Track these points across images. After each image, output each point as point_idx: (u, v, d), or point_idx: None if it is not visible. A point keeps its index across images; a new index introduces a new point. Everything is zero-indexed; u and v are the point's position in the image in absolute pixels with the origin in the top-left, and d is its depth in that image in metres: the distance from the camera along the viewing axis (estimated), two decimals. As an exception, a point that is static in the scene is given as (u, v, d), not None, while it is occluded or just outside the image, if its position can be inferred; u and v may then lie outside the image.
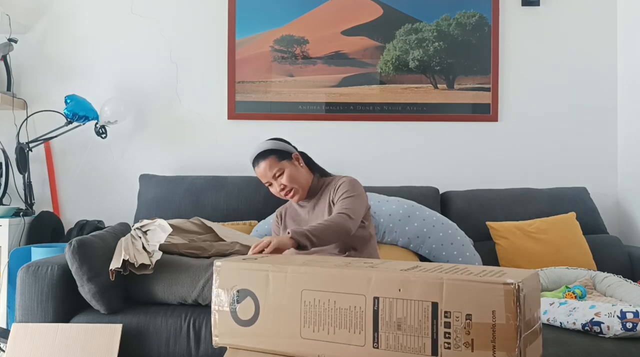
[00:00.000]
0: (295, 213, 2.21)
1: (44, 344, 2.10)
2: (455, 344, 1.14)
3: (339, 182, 2.10)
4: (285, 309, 1.32)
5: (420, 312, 1.18)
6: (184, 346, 2.16)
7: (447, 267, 1.27)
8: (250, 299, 1.36)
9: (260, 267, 1.37)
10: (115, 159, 3.32)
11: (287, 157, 2.13)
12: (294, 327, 1.31)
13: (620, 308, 1.83)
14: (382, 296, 1.23)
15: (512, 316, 1.09)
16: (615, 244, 2.95)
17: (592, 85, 3.39)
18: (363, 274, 1.26)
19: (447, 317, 1.15)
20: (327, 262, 1.39)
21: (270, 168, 2.09)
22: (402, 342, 1.20)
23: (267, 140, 2.16)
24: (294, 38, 3.33)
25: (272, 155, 2.10)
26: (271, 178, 2.10)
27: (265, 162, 2.09)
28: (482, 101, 3.35)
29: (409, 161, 3.35)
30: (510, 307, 1.09)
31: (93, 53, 3.32)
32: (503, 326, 1.10)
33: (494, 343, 1.11)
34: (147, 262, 2.19)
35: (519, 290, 1.09)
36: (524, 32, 3.38)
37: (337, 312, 1.27)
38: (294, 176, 2.09)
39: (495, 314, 1.11)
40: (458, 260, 2.64)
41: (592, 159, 3.38)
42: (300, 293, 1.31)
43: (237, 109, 3.32)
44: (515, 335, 1.09)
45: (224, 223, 2.83)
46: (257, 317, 1.35)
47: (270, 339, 1.33)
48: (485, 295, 1.12)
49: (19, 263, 2.66)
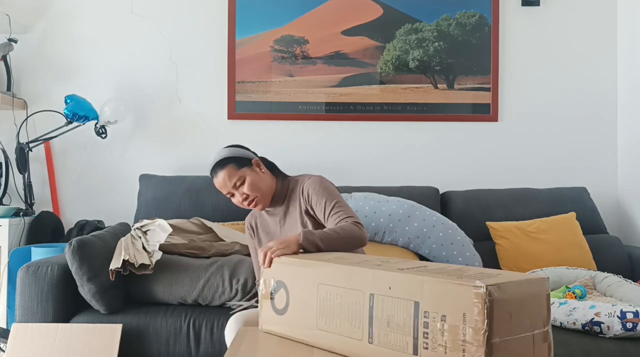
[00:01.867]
0: (266, 224, 2.04)
1: (44, 344, 2.10)
2: (432, 344, 1.12)
3: (306, 188, 1.93)
4: (307, 301, 1.40)
5: (404, 311, 1.18)
6: (184, 346, 2.16)
7: (448, 268, 1.26)
8: (283, 290, 1.48)
9: (291, 261, 1.49)
10: (115, 159, 3.32)
11: (247, 164, 1.94)
12: (312, 319, 1.38)
13: (620, 308, 1.83)
14: (376, 293, 1.24)
15: (480, 319, 1.05)
16: (615, 244, 2.95)
17: (592, 85, 3.39)
18: (364, 271, 1.28)
19: (426, 317, 1.14)
20: (345, 259, 1.43)
21: (230, 177, 1.91)
22: (390, 340, 1.21)
23: (224, 148, 1.99)
24: (294, 38, 3.33)
25: (231, 163, 1.92)
26: (231, 188, 1.92)
27: (223, 171, 1.91)
28: (482, 101, 3.35)
29: (409, 161, 3.35)
30: (480, 310, 1.05)
31: (93, 53, 3.32)
32: (472, 329, 1.06)
33: (463, 346, 1.07)
34: (147, 262, 2.20)
35: (489, 294, 1.04)
36: (524, 32, 3.38)
37: (344, 306, 1.31)
38: (255, 184, 1.92)
39: (465, 317, 1.07)
40: (458, 260, 2.64)
41: (592, 159, 3.38)
42: (317, 287, 1.38)
43: (237, 109, 3.32)
44: (482, 340, 1.04)
45: (224, 223, 2.83)
46: (287, 307, 1.46)
47: (295, 329, 1.43)
48: (458, 297, 1.08)
49: (19, 263, 2.66)
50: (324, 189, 1.90)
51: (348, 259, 1.43)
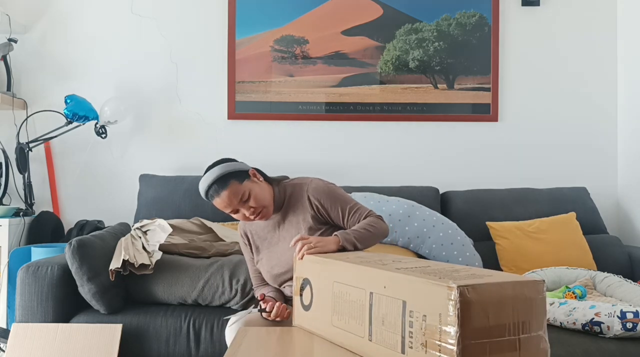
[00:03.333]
0: (261, 231, 1.98)
1: (44, 344, 2.10)
2: (415, 344, 1.12)
3: (313, 195, 1.88)
4: (325, 298, 1.45)
5: (395, 310, 1.19)
6: (184, 346, 2.16)
7: (455, 268, 1.26)
8: (309, 287, 1.54)
9: (315, 259, 1.55)
10: (115, 159, 3.32)
11: (246, 177, 1.85)
12: (328, 315, 1.43)
13: (620, 308, 1.83)
14: (375, 292, 1.26)
15: (452, 319, 1.04)
16: (615, 244, 2.95)
17: (592, 85, 3.39)
18: (367, 270, 1.30)
19: (411, 316, 1.14)
20: (360, 258, 1.47)
21: (235, 195, 1.80)
22: (384, 338, 1.22)
23: (215, 166, 1.85)
24: (294, 38, 3.33)
25: (232, 179, 1.80)
26: (237, 205, 1.82)
27: (226, 190, 1.79)
28: (482, 101, 3.35)
29: (409, 161, 3.36)
30: (454, 310, 1.04)
31: (93, 53, 3.32)
32: (446, 330, 1.05)
33: (439, 346, 1.07)
34: (147, 262, 2.20)
35: (462, 294, 1.03)
36: (524, 32, 3.38)
37: (351, 304, 1.34)
38: (260, 195, 1.84)
39: (441, 316, 1.07)
40: (458, 260, 2.64)
41: (592, 159, 3.38)
42: (332, 285, 1.43)
43: (237, 109, 3.32)
44: (454, 340, 1.03)
45: (224, 223, 2.83)
46: (311, 303, 1.51)
47: (317, 324, 1.49)
48: (435, 296, 1.08)
49: (19, 263, 2.66)
50: (333, 195, 1.89)
51: (363, 258, 1.47)
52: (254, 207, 1.83)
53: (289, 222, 1.92)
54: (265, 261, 1.94)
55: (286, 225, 1.93)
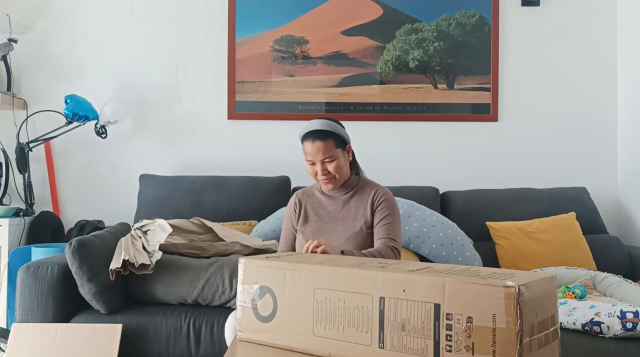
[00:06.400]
0: (319, 205, 2.09)
1: (44, 344, 2.10)
2: (456, 347, 1.12)
3: (380, 194, 2.04)
4: (300, 306, 1.34)
5: (423, 314, 1.17)
6: (184, 346, 2.16)
7: (457, 268, 1.26)
8: (269, 295, 1.40)
9: (279, 265, 1.40)
10: (115, 159, 3.32)
11: (342, 146, 2.03)
12: (308, 325, 1.33)
13: (620, 308, 1.83)
14: (388, 296, 1.22)
15: (512, 320, 1.06)
16: (615, 244, 2.95)
17: (592, 85, 3.39)
18: (370, 273, 1.26)
19: (448, 319, 1.13)
20: (341, 262, 1.40)
21: (325, 151, 1.97)
22: (405, 344, 1.19)
23: (327, 119, 2.02)
24: (294, 38, 3.33)
25: (332, 138, 1.99)
26: (319, 160, 1.97)
27: (322, 143, 1.96)
28: (482, 101, 3.35)
29: (409, 161, 3.36)
30: (510, 311, 1.06)
31: (93, 53, 3.33)
32: (503, 330, 1.06)
33: (494, 347, 1.08)
34: (147, 262, 2.20)
35: (519, 293, 1.06)
36: (524, 32, 3.38)
37: (347, 311, 1.28)
38: (341, 167, 2.00)
39: (495, 317, 1.08)
40: (458, 260, 2.64)
41: (592, 159, 3.38)
42: (314, 291, 1.33)
43: (237, 109, 3.32)
44: (515, 340, 1.05)
45: (224, 223, 2.83)
46: (275, 313, 1.39)
47: (286, 336, 1.36)
48: (485, 297, 1.09)
49: (19, 263, 2.66)
50: (392, 205, 2.03)
51: (344, 262, 1.41)
52: (329, 171, 1.99)
53: (348, 208, 2.05)
54: (311, 233, 2.02)
55: (344, 210, 2.05)
